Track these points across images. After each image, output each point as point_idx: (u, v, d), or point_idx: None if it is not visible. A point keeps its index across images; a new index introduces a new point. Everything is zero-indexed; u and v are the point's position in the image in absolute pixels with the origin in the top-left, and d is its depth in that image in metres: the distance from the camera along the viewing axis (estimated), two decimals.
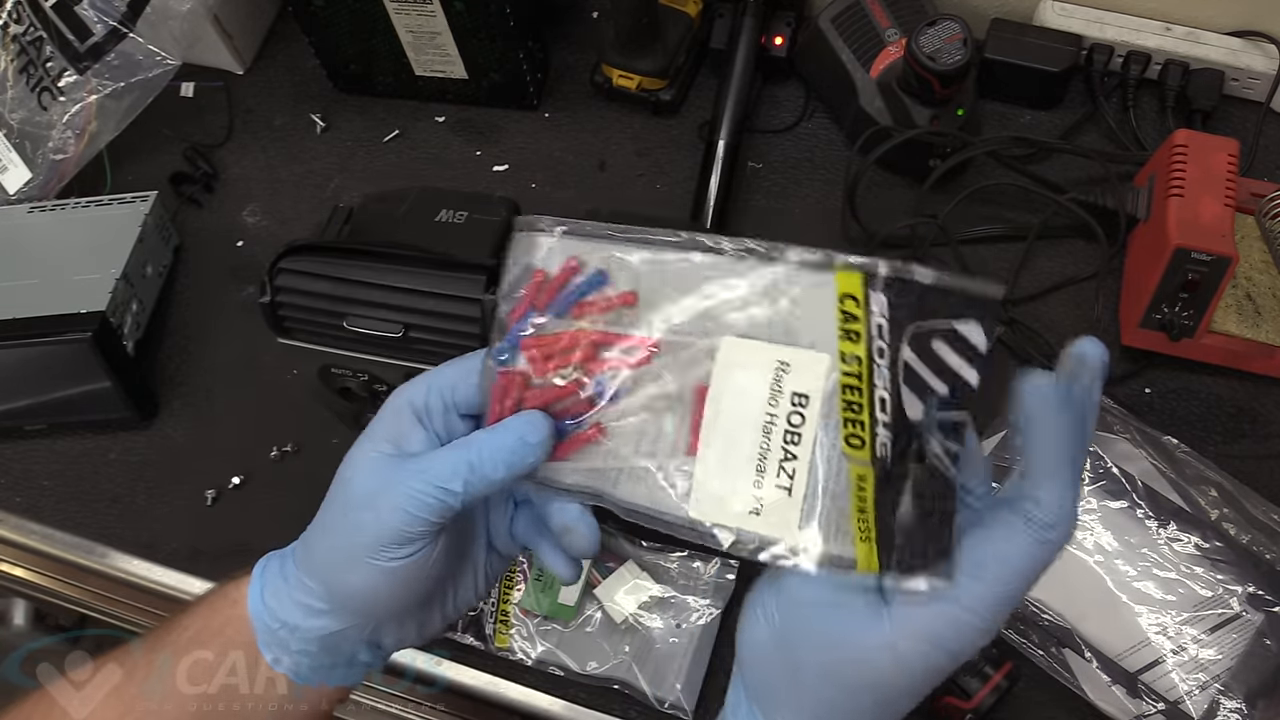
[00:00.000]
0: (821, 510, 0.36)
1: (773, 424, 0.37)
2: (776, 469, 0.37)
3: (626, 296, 0.38)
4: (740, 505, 0.37)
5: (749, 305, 0.37)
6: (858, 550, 0.35)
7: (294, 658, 0.43)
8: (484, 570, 0.47)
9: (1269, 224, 0.76)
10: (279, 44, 1.01)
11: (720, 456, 0.38)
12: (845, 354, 0.35)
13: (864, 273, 0.35)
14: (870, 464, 0.35)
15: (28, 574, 0.86)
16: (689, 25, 0.91)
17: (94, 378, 0.78)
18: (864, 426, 0.35)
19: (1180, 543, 0.68)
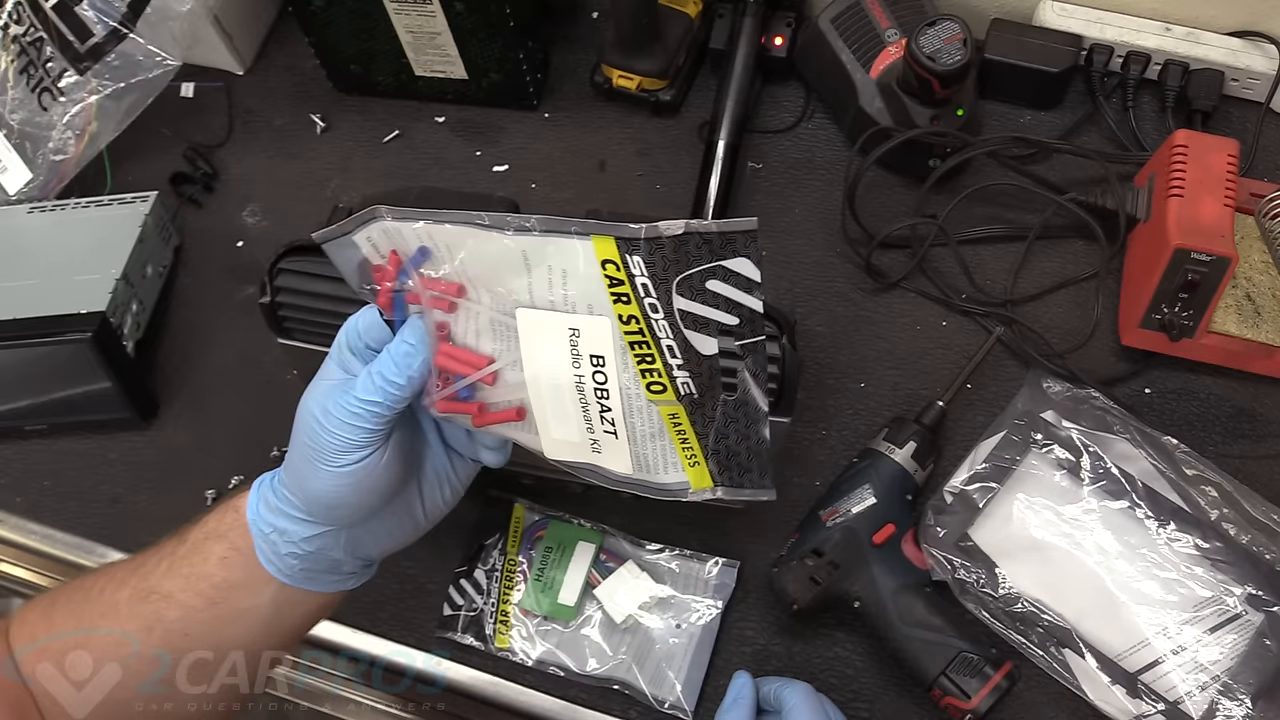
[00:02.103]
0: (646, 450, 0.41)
1: (582, 383, 0.41)
2: (599, 419, 0.41)
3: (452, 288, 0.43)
4: (583, 445, 0.42)
5: (532, 280, 0.40)
6: (689, 474, 0.41)
7: (283, 560, 0.50)
8: (448, 477, 0.53)
9: (1269, 224, 0.76)
10: (279, 44, 1.01)
11: (553, 411, 0.42)
12: (621, 315, 0.39)
13: (614, 237, 0.38)
14: (678, 402, 0.39)
15: (28, 574, 0.85)
16: (689, 25, 0.91)
17: (94, 378, 0.78)
18: (661, 374, 0.39)
19: (1180, 543, 0.68)
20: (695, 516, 0.74)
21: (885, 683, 0.69)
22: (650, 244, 0.37)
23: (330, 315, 0.58)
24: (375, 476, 0.47)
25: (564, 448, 0.43)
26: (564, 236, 0.39)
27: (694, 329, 0.38)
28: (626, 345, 0.39)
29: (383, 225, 0.44)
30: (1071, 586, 0.68)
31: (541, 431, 0.43)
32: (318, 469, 0.47)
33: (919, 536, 0.69)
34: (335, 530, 0.50)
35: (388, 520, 0.51)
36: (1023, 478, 0.71)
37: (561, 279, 0.39)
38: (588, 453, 0.42)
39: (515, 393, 0.44)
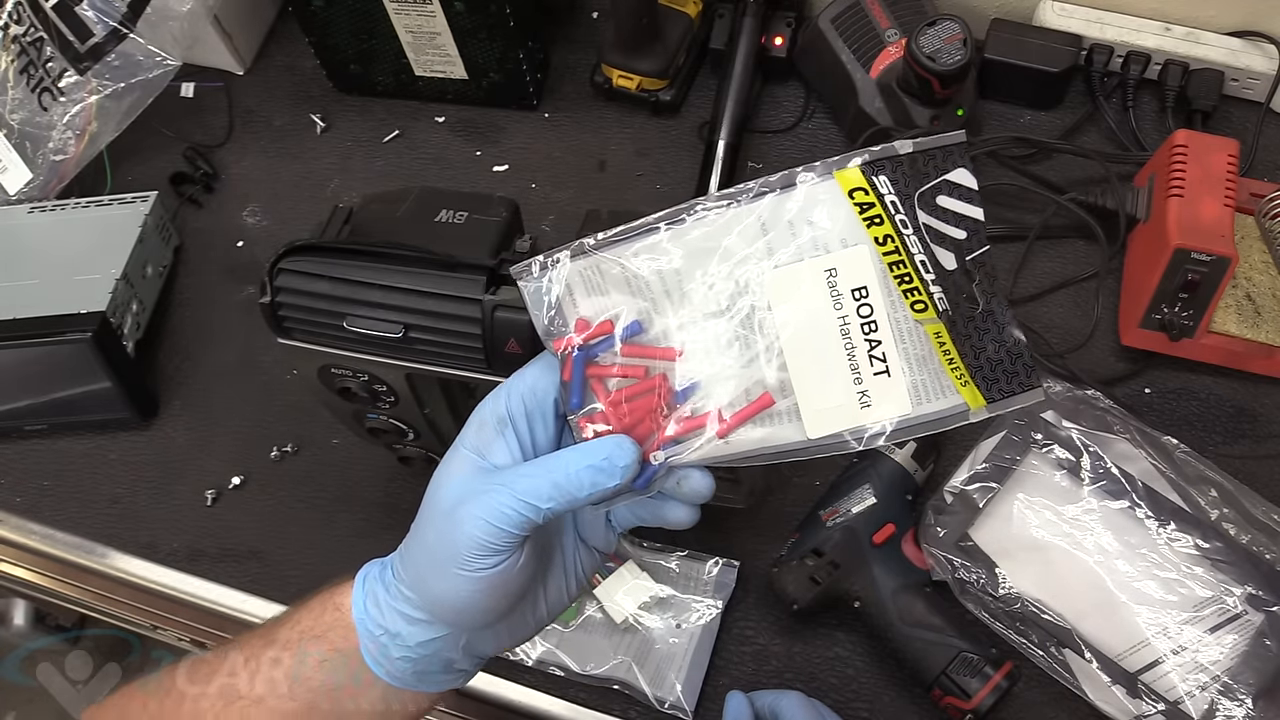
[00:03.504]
0: (922, 377, 0.40)
1: (847, 324, 0.40)
2: (868, 360, 0.40)
3: (668, 352, 0.41)
4: (851, 404, 0.40)
5: (771, 240, 0.40)
6: (964, 395, 0.40)
7: (394, 664, 0.45)
8: (575, 570, 0.47)
9: (1269, 224, 0.76)
10: (279, 44, 1.01)
11: (815, 376, 0.41)
12: (877, 237, 0.39)
13: (860, 165, 0.39)
14: (939, 319, 0.40)
15: (28, 574, 0.86)
16: (689, 25, 0.91)
17: (94, 378, 0.78)
18: (921, 291, 0.40)
19: (1180, 543, 0.68)
20: None
21: (885, 683, 0.69)
22: (893, 162, 0.39)
23: (330, 315, 0.58)
24: (510, 582, 0.42)
25: (828, 417, 0.41)
26: (805, 185, 0.40)
27: (936, 243, 0.39)
28: (886, 268, 0.40)
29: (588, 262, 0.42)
30: (1071, 586, 0.68)
31: (804, 406, 0.41)
32: (447, 570, 0.41)
33: (919, 536, 0.69)
34: (455, 632, 0.44)
35: (513, 621, 0.46)
36: (1023, 478, 0.71)
37: (808, 226, 0.40)
38: (856, 412, 0.41)
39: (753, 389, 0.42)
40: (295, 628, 0.47)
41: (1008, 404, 0.40)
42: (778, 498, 0.75)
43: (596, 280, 0.42)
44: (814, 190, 0.40)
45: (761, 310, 0.41)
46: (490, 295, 0.55)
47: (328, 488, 0.79)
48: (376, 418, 0.67)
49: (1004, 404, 0.40)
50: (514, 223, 0.61)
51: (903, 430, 0.40)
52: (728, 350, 0.41)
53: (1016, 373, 0.40)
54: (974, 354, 0.40)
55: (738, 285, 0.41)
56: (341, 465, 0.79)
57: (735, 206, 0.40)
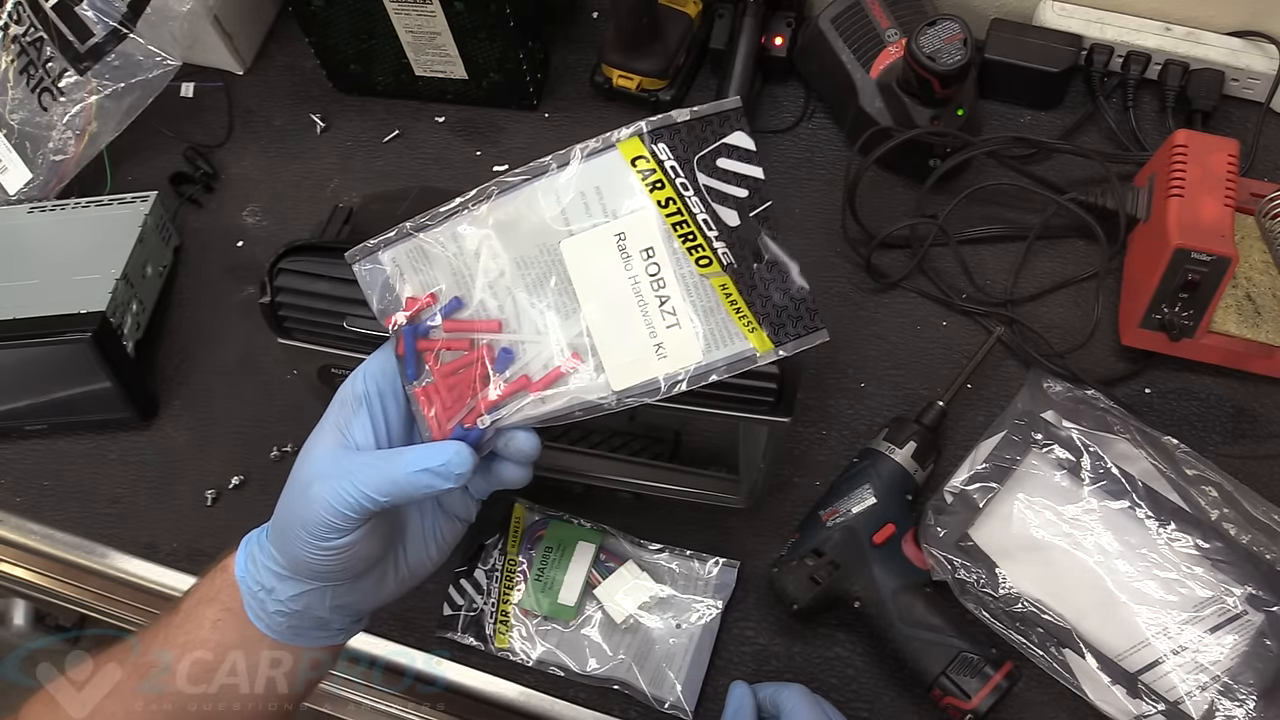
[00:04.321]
0: (710, 326, 0.44)
1: (638, 282, 0.44)
2: (660, 315, 0.44)
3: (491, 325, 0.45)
4: (648, 357, 0.44)
5: (565, 210, 0.44)
6: (752, 340, 0.44)
7: (272, 618, 0.50)
8: (435, 536, 0.52)
9: (1269, 224, 0.76)
10: (279, 44, 1.01)
11: (615, 334, 0.44)
12: (660, 200, 0.43)
13: (638, 135, 0.43)
14: (724, 272, 0.43)
15: (28, 574, 0.86)
16: (689, 25, 0.91)
17: (94, 378, 0.78)
18: (704, 247, 0.43)
19: (1180, 543, 0.68)
20: (695, 516, 0.74)
21: (885, 683, 0.69)
22: (671, 130, 0.43)
23: (330, 315, 0.58)
24: (356, 552, 0.47)
25: (629, 370, 0.44)
26: (591, 157, 0.44)
27: (718, 202, 0.43)
28: (670, 228, 0.43)
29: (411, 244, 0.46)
30: (1072, 586, 0.68)
31: (606, 360, 0.45)
32: (301, 539, 0.47)
33: (919, 536, 0.69)
34: (320, 589, 0.49)
35: (372, 581, 0.51)
36: (1023, 478, 0.71)
37: (597, 195, 0.43)
38: (654, 362, 0.44)
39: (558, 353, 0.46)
40: (194, 596, 0.52)
41: (795, 346, 0.44)
42: (778, 498, 0.75)
43: (420, 260, 0.45)
44: (599, 162, 0.44)
45: (563, 278, 0.44)
46: None
47: None
48: None
49: (791, 346, 0.44)
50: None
51: (699, 376, 0.44)
52: (540, 316, 0.45)
53: (801, 317, 0.44)
54: (761, 302, 0.43)
55: (543, 254, 0.44)
56: None
57: (534, 181, 0.44)
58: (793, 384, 0.55)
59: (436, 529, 0.52)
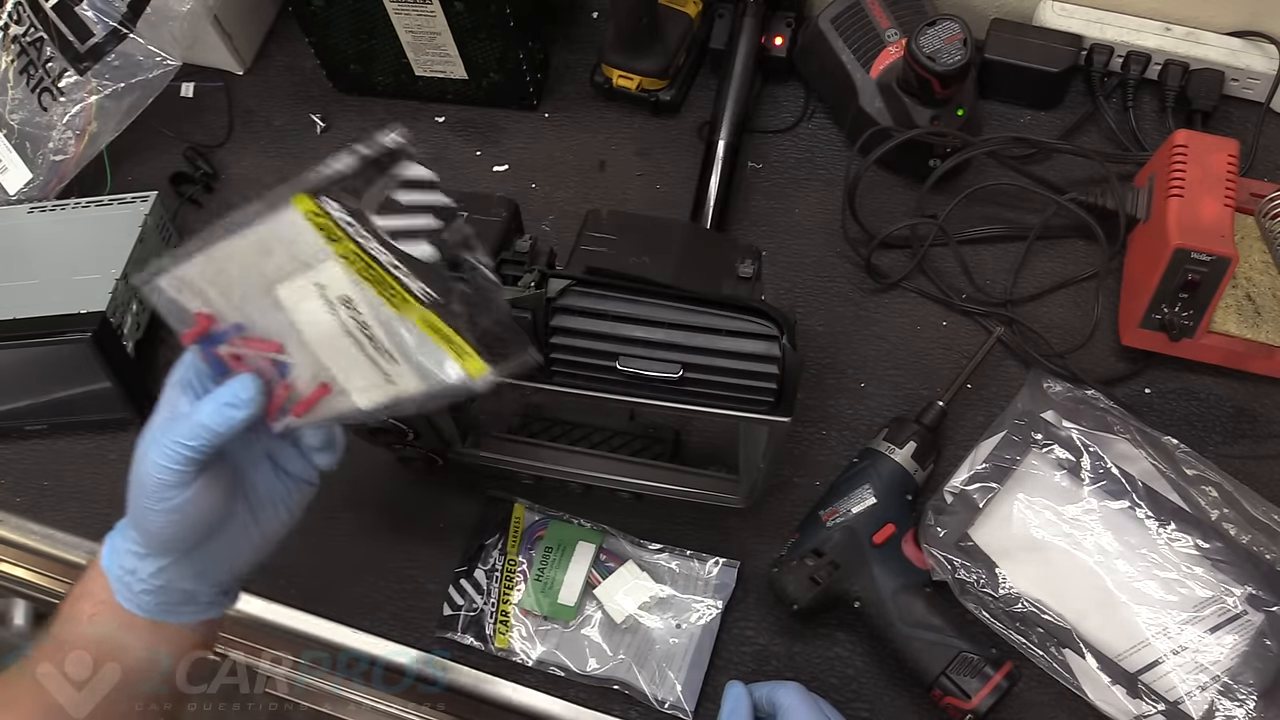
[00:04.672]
0: (422, 360, 0.45)
1: (348, 327, 0.46)
2: (376, 352, 0.46)
3: (272, 345, 0.48)
4: (381, 383, 0.47)
5: (274, 259, 0.46)
6: (465, 366, 0.45)
7: (140, 599, 0.53)
8: (283, 498, 0.55)
9: (1269, 224, 0.76)
10: (279, 44, 1.01)
11: (346, 365, 0.47)
12: (342, 254, 0.44)
13: (305, 190, 0.43)
14: (426, 308, 0.44)
15: (28, 574, 0.86)
16: (689, 25, 0.91)
17: (94, 378, 0.78)
18: (396, 289, 0.44)
19: (1180, 543, 0.68)
20: (695, 516, 0.74)
21: (885, 683, 0.69)
22: (335, 183, 0.43)
23: None
24: (197, 509, 0.50)
25: (371, 392, 0.47)
26: (277, 212, 0.44)
27: (404, 239, 0.43)
28: (359, 278, 0.44)
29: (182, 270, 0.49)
30: (1071, 586, 0.68)
31: (347, 386, 0.48)
32: (144, 507, 0.49)
33: (919, 536, 0.69)
34: (176, 561, 0.52)
35: (224, 546, 0.53)
36: (1023, 478, 0.71)
37: (290, 247, 0.45)
38: (386, 386, 0.47)
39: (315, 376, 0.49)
40: (70, 598, 0.54)
41: (506, 367, 0.45)
42: (778, 498, 0.75)
43: (200, 285, 0.48)
44: (285, 216, 0.44)
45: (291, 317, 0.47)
46: None
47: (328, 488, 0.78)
48: None
49: (504, 367, 0.45)
50: (514, 223, 0.62)
51: (430, 400, 0.46)
52: (295, 343, 0.48)
53: (509, 340, 0.45)
54: (472, 328, 0.44)
55: (271, 291, 0.47)
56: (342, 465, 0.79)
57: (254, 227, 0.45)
58: (793, 384, 0.55)
59: (281, 490, 0.55)
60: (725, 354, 0.55)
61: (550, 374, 0.57)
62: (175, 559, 0.52)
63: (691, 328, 0.55)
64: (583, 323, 0.55)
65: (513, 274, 0.56)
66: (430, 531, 0.76)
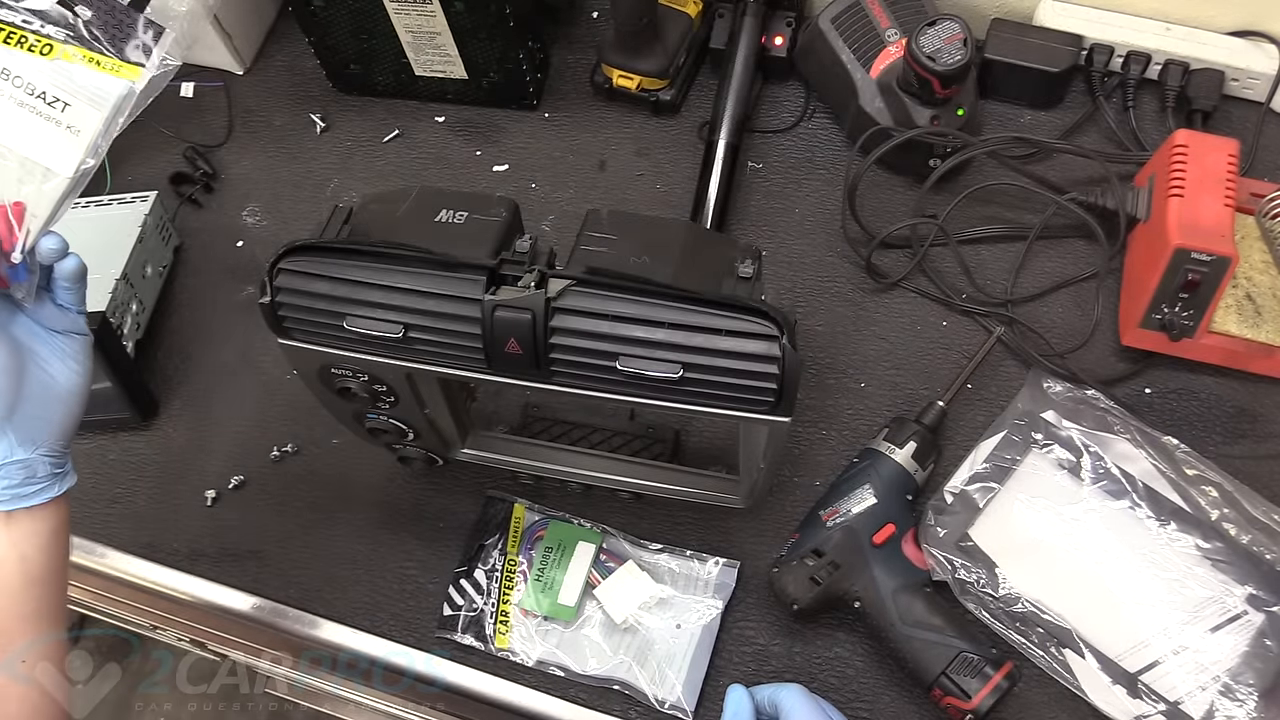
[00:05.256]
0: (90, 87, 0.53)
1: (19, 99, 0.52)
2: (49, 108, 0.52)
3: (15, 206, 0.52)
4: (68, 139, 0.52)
5: None
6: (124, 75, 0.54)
7: None
8: (64, 352, 0.59)
9: (1269, 224, 0.76)
10: (279, 44, 1.01)
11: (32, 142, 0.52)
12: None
13: None
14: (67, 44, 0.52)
15: None
16: (689, 25, 0.91)
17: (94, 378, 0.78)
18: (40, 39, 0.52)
19: (1181, 543, 0.68)
20: (695, 516, 0.74)
21: (885, 683, 0.69)
22: None
23: (330, 315, 0.58)
24: None
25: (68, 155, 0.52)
26: None
27: None
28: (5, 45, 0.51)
29: None
30: (1071, 586, 0.68)
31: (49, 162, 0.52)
32: None
33: (919, 536, 0.69)
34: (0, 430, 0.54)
35: (32, 406, 0.56)
36: (1023, 478, 0.71)
37: None
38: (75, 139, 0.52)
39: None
40: None
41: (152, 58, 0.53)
42: (778, 498, 0.75)
43: None
44: None
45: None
46: (490, 295, 0.55)
47: (328, 488, 0.79)
48: (376, 418, 0.67)
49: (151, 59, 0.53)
50: (514, 223, 0.61)
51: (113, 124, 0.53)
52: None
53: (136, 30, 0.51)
54: (116, 46, 0.51)
55: None
56: (341, 465, 0.80)
57: None
58: (793, 384, 0.55)
59: (60, 347, 0.59)
60: (725, 354, 0.55)
61: (550, 374, 0.57)
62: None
63: (691, 328, 0.55)
64: (583, 323, 0.55)
65: (513, 274, 0.56)
66: (430, 531, 0.76)
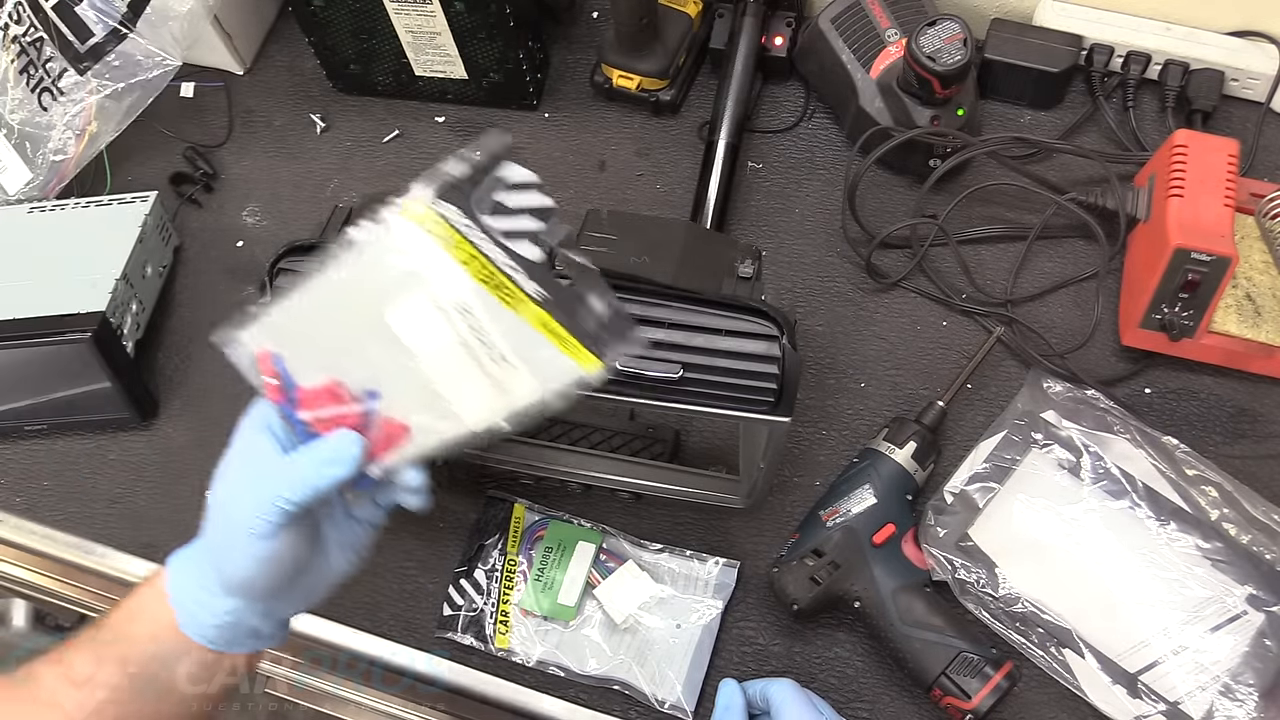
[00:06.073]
0: (538, 360, 0.46)
1: (464, 337, 0.46)
2: (490, 361, 0.46)
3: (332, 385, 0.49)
4: (493, 396, 0.47)
5: (380, 283, 0.46)
6: (580, 361, 0.45)
7: (208, 630, 0.53)
8: (352, 543, 0.56)
9: (1269, 224, 0.76)
10: (279, 44, 1.01)
11: (456, 382, 0.47)
12: (458, 259, 0.44)
13: (420, 200, 0.44)
14: (539, 307, 0.45)
15: (28, 574, 0.86)
16: (689, 25, 0.91)
17: (94, 378, 0.78)
18: (512, 289, 0.45)
19: (1181, 543, 0.68)
20: (695, 516, 0.74)
21: (885, 683, 0.69)
22: (450, 188, 0.44)
23: None
24: (282, 559, 0.50)
25: (480, 410, 0.47)
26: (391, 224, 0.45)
27: (515, 241, 0.44)
28: (477, 282, 0.44)
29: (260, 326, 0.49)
30: (1071, 586, 0.68)
31: (457, 407, 0.47)
32: (230, 553, 0.50)
33: (919, 536, 0.69)
34: (250, 602, 0.53)
35: (298, 589, 0.54)
36: (1023, 478, 0.71)
37: (401, 262, 0.45)
38: (499, 400, 0.47)
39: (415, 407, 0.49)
40: (123, 612, 0.54)
41: (615, 355, 0.46)
42: (778, 498, 0.75)
43: (276, 337, 0.49)
44: (398, 231, 0.45)
45: (396, 339, 0.47)
46: None
47: None
48: None
49: (612, 355, 0.46)
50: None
51: (540, 405, 0.46)
52: (396, 369, 0.47)
53: (614, 328, 0.45)
54: (578, 326, 0.45)
55: (375, 323, 0.47)
56: None
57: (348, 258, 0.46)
58: (793, 384, 0.55)
59: (352, 535, 0.56)
60: (725, 354, 0.55)
61: None
62: (249, 601, 0.52)
63: (691, 327, 0.55)
64: None
65: None
66: (430, 531, 0.76)
